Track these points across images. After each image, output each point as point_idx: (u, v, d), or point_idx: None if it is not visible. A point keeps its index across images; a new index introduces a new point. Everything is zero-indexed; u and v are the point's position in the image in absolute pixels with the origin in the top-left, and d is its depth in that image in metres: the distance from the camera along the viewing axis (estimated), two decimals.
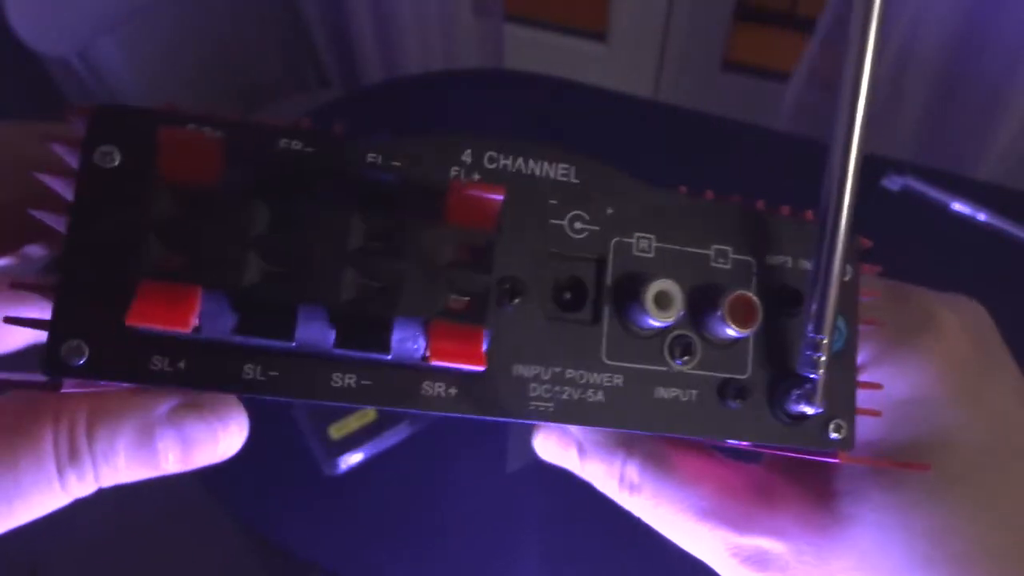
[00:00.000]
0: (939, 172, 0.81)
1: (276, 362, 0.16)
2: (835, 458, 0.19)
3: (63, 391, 0.17)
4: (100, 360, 0.16)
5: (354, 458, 0.61)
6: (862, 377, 0.21)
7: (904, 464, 0.20)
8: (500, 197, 0.16)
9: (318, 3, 1.19)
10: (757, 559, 0.21)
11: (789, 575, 0.21)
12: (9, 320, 0.16)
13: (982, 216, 0.77)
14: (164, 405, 0.18)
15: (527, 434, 0.25)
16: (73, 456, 0.17)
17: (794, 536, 0.21)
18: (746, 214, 0.20)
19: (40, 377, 0.16)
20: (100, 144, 0.16)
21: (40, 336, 0.23)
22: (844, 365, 0.19)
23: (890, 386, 0.21)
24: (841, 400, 0.19)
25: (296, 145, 0.16)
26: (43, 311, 0.19)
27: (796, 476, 0.23)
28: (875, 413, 0.20)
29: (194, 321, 0.15)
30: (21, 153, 0.19)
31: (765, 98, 1.18)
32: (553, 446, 0.24)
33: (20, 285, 0.17)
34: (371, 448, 0.61)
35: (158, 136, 0.15)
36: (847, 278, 0.20)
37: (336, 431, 0.61)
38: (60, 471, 0.17)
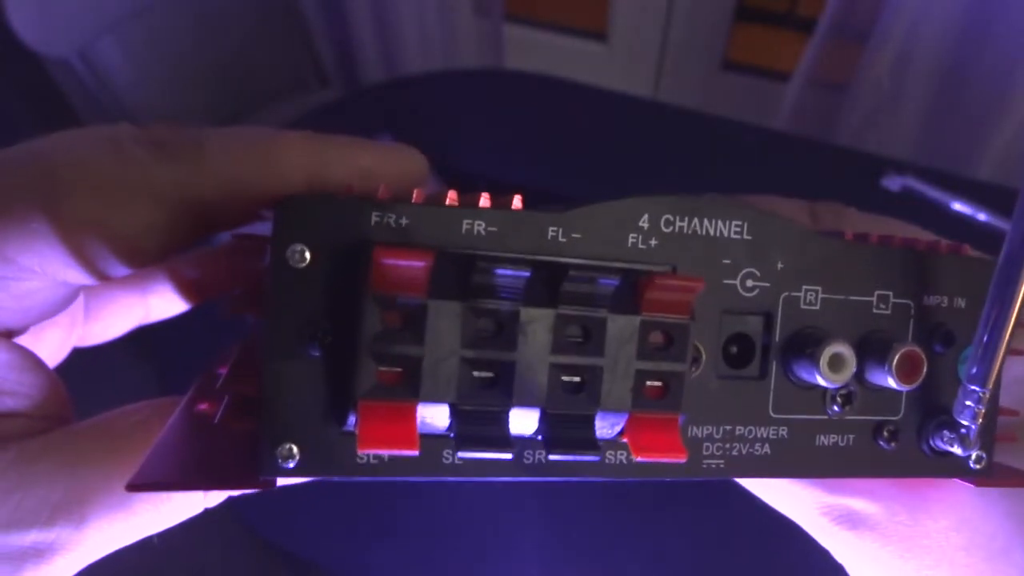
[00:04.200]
0: (939, 172, 0.81)
1: None
2: (973, 484, 0.19)
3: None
4: (311, 460, 0.15)
5: None
6: None
7: None
8: (700, 287, 0.16)
9: (318, 3, 1.19)
10: (848, 518, 0.21)
11: (881, 534, 0.21)
12: (132, 488, 0.15)
13: (982, 216, 0.77)
14: None
15: None
16: None
17: (887, 497, 0.21)
18: (907, 255, 0.19)
19: (253, 477, 0.16)
20: (290, 242, 0.15)
21: (144, 320, 0.24)
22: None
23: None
24: (984, 432, 0.19)
25: (479, 226, 0.16)
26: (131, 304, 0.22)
27: None
28: (1011, 439, 0.20)
29: (418, 439, 0.15)
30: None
31: (765, 98, 1.19)
32: None
33: (231, 392, 0.16)
34: None
35: (374, 256, 0.14)
36: None
37: None
38: None
